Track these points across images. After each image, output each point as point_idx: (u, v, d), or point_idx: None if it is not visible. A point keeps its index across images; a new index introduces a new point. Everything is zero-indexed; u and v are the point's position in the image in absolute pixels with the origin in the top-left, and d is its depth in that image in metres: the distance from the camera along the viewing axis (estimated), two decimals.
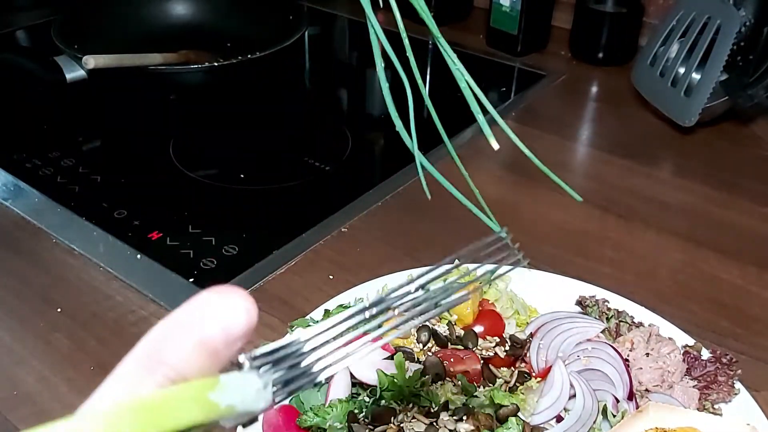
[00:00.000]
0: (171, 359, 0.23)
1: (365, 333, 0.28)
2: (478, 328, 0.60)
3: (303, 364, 0.26)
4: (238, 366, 0.25)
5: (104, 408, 0.21)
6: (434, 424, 0.52)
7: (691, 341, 0.60)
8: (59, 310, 0.66)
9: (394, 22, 0.44)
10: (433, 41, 0.52)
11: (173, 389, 0.22)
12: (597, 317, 0.61)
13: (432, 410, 0.53)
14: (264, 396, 0.25)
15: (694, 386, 0.56)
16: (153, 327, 0.24)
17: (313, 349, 0.27)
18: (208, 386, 0.22)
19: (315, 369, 0.26)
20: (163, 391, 0.22)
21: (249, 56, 0.97)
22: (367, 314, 0.28)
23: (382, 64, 0.40)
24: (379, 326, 0.28)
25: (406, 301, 0.30)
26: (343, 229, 0.77)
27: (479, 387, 0.55)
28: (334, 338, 0.27)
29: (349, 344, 0.27)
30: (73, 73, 0.97)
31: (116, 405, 0.21)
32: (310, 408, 0.53)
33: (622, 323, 0.61)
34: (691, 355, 0.58)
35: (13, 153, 0.90)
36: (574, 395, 0.54)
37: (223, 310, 0.24)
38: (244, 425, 0.26)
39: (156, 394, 0.21)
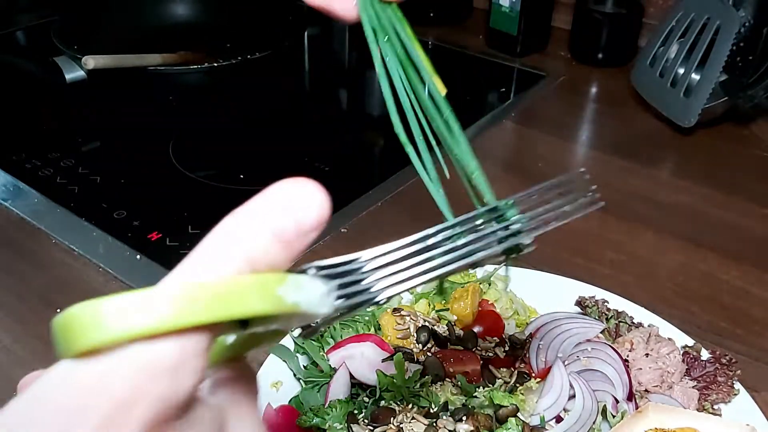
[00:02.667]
0: (244, 247, 0.23)
1: (428, 260, 0.28)
2: (478, 329, 0.60)
3: (364, 282, 0.26)
4: (304, 271, 0.25)
5: (177, 286, 0.21)
6: (434, 424, 0.52)
7: (690, 342, 0.60)
8: (58, 310, 0.66)
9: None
10: (432, 41, 0.51)
11: (244, 277, 0.22)
12: (596, 318, 0.61)
13: (431, 411, 0.53)
14: (327, 302, 0.25)
15: (693, 387, 0.56)
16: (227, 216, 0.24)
17: (376, 269, 0.27)
18: (276, 280, 0.23)
19: (375, 288, 0.27)
20: (235, 278, 0.22)
21: (248, 56, 0.97)
22: (431, 241, 0.28)
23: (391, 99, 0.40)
24: (445, 254, 0.28)
25: (471, 233, 0.30)
26: (342, 230, 0.77)
27: (479, 387, 0.55)
28: (397, 261, 0.27)
29: (411, 268, 0.27)
30: (73, 74, 0.97)
31: (189, 285, 0.21)
32: (310, 408, 0.53)
33: (621, 324, 0.61)
34: (691, 356, 0.58)
35: (13, 154, 0.90)
36: (574, 396, 0.54)
37: (297, 200, 0.24)
38: (304, 335, 0.27)
39: (228, 280, 0.22)
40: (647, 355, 0.57)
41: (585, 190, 0.36)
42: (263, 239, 0.23)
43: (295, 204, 0.24)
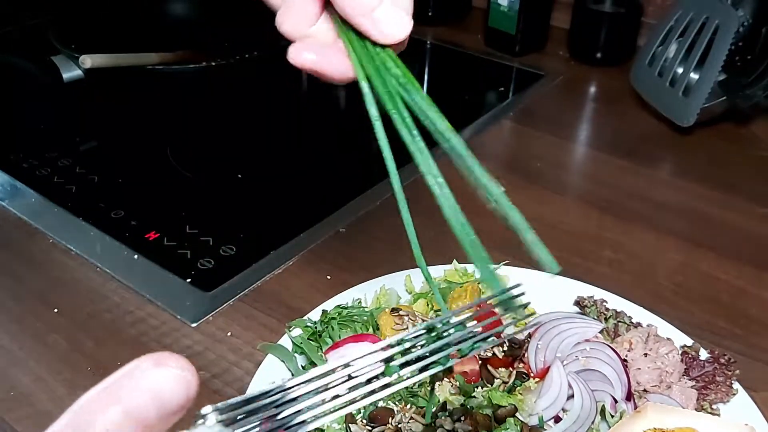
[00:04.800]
0: (101, 430, 0.21)
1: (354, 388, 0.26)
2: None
3: (279, 416, 0.24)
4: (202, 418, 0.23)
5: None
6: (432, 424, 0.52)
7: (689, 341, 0.60)
8: (56, 310, 0.66)
9: None
10: (431, 40, 0.50)
11: None
12: (595, 317, 0.61)
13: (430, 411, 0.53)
14: None
15: (692, 386, 0.56)
16: (86, 393, 0.22)
17: (291, 400, 0.24)
18: None
19: (292, 422, 0.24)
20: None
21: (246, 56, 0.97)
22: (354, 367, 0.26)
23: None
24: (371, 381, 0.26)
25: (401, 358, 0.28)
26: (341, 230, 0.77)
27: (477, 387, 0.55)
28: (315, 391, 0.25)
29: (332, 400, 0.25)
30: (70, 73, 0.97)
31: None
32: None
33: (620, 323, 0.61)
34: (690, 356, 0.58)
35: (10, 153, 0.89)
36: (573, 396, 0.54)
37: (156, 379, 0.22)
38: None
39: None
40: (646, 354, 0.57)
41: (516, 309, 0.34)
42: (119, 420, 0.21)
43: (155, 382, 0.22)
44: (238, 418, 0.23)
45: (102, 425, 0.21)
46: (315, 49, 0.39)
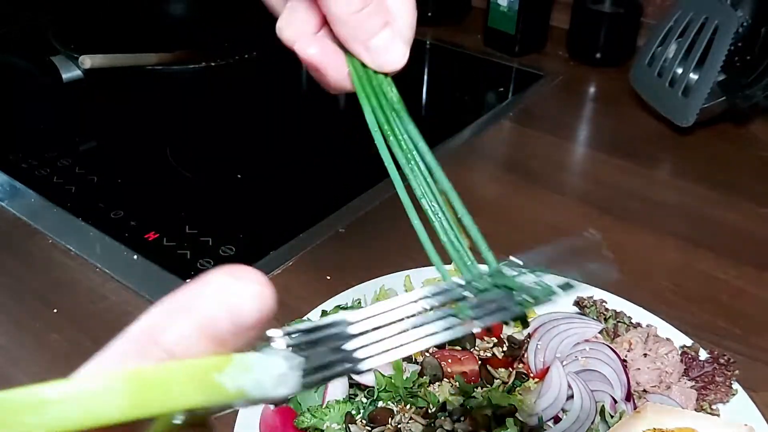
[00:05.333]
0: (168, 342, 0.20)
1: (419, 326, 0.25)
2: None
3: (344, 348, 0.23)
4: (268, 340, 0.22)
5: (95, 377, 0.18)
6: (432, 424, 0.52)
7: (688, 342, 0.60)
8: (55, 311, 0.66)
9: None
10: (430, 41, 0.50)
11: (174, 365, 0.19)
12: (595, 318, 0.61)
13: (429, 411, 0.53)
14: (288, 381, 0.22)
15: (691, 387, 0.56)
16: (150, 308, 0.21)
17: (358, 334, 0.24)
18: (215, 366, 0.20)
19: (357, 356, 0.24)
20: (162, 366, 0.19)
21: (246, 56, 0.97)
22: (425, 304, 0.25)
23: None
24: (440, 320, 0.25)
25: (469, 299, 0.27)
26: (340, 230, 0.77)
27: (477, 388, 0.55)
28: (383, 326, 0.24)
29: (400, 336, 0.24)
30: (70, 73, 0.97)
31: (108, 375, 0.18)
32: (308, 409, 0.53)
33: (620, 324, 0.61)
34: (689, 356, 0.58)
35: (9, 153, 0.89)
36: (572, 396, 0.54)
37: (232, 293, 0.21)
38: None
39: (153, 369, 0.19)
40: (645, 355, 0.57)
41: (597, 254, 0.31)
42: (190, 333, 0.20)
43: (230, 296, 0.21)
44: (306, 343, 0.23)
45: (171, 338, 0.20)
46: (324, 47, 0.39)
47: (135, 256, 0.72)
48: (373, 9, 0.37)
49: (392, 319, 0.25)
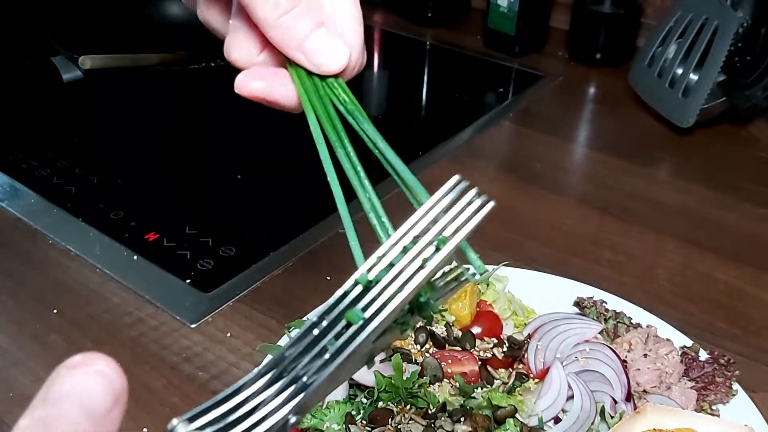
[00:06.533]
0: None
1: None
2: (476, 329, 0.60)
3: (260, 408, 0.24)
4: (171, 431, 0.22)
5: None
6: (432, 425, 0.52)
7: (688, 342, 0.60)
8: (55, 311, 0.66)
9: (391, 23, 0.42)
10: (430, 41, 0.51)
11: None
12: (595, 318, 0.61)
13: (429, 411, 0.53)
14: None
15: (691, 387, 0.56)
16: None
17: (264, 389, 0.24)
18: None
19: (275, 408, 0.24)
20: None
21: None
22: (316, 331, 0.26)
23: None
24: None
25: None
26: (340, 231, 0.77)
27: (477, 388, 0.55)
28: (283, 373, 0.24)
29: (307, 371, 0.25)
30: (70, 74, 0.97)
31: None
32: None
33: (620, 324, 0.61)
34: (689, 356, 0.58)
35: (9, 154, 0.89)
36: (572, 396, 0.54)
37: (78, 385, 0.21)
38: None
39: None
40: (645, 355, 0.57)
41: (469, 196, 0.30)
42: None
43: (76, 391, 0.21)
44: (209, 422, 0.23)
45: None
46: (264, 76, 0.38)
47: (135, 257, 0.72)
48: (301, 10, 0.36)
49: (291, 359, 0.25)
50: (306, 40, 0.36)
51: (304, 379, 0.25)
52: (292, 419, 0.24)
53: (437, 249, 0.28)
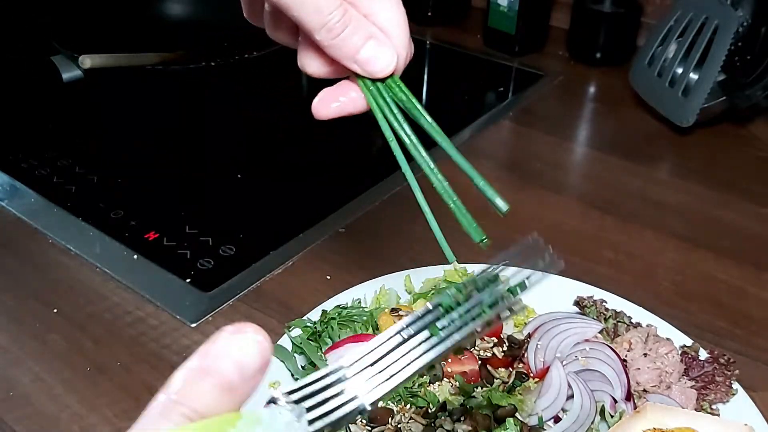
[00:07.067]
0: (191, 402, 0.24)
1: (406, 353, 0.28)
2: None
3: (346, 392, 0.26)
4: (273, 401, 0.25)
5: None
6: (432, 424, 0.52)
7: (688, 341, 0.60)
8: (55, 310, 0.66)
9: None
10: (430, 40, 0.54)
11: (192, 426, 0.22)
12: (595, 318, 0.61)
13: (429, 411, 0.53)
14: (298, 428, 0.25)
15: (691, 387, 0.56)
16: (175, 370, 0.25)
17: (356, 374, 0.27)
18: (227, 422, 0.23)
19: (359, 394, 0.26)
20: (183, 428, 0.22)
21: (246, 56, 0.97)
22: (405, 334, 0.29)
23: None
24: (421, 344, 0.28)
25: (446, 318, 0.30)
26: (340, 230, 0.77)
27: (477, 387, 0.55)
28: (374, 362, 0.27)
29: (395, 364, 0.27)
30: (70, 73, 0.97)
31: None
32: None
33: (620, 324, 0.61)
34: (689, 356, 0.58)
35: (10, 153, 0.89)
36: (572, 396, 0.54)
37: (237, 347, 0.25)
38: None
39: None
40: (645, 355, 0.57)
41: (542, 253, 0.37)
42: (207, 393, 0.24)
43: (236, 351, 0.25)
44: (307, 395, 0.26)
45: (193, 399, 0.24)
46: (334, 96, 0.45)
47: (135, 256, 0.72)
48: (352, 29, 0.41)
49: (381, 354, 0.28)
50: (357, 53, 0.42)
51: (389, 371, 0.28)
52: (368, 407, 0.27)
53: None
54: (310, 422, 0.25)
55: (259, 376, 0.25)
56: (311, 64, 0.45)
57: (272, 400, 0.25)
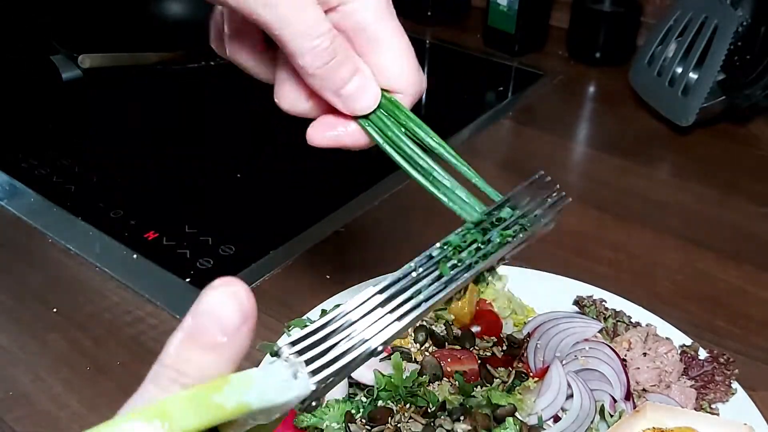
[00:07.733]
0: (176, 363, 0.24)
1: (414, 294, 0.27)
2: (476, 328, 0.60)
3: (351, 336, 0.25)
4: (276, 354, 0.25)
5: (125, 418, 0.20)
6: (431, 424, 0.52)
7: (688, 341, 0.60)
8: (55, 310, 0.66)
9: None
10: (430, 40, 0.53)
11: (177, 395, 0.22)
12: (594, 317, 0.61)
13: (429, 410, 0.53)
14: (294, 385, 0.24)
15: (691, 386, 0.56)
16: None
17: (359, 319, 0.26)
18: (213, 388, 0.22)
19: (365, 337, 0.25)
20: (167, 398, 0.21)
21: None
22: (414, 275, 0.28)
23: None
24: (430, 285, 0.28)
25: (455, 258, 0.29)
26: (340, 230, 0.77)
27: (476, 387, 0.55)
28: (380, 305, 0.26)
29: (401, 307, 0.27)
30: (70, 73, 0.97)
31: (130, 415, 0.21)
32: None
33: (619, 323, 0.61)
34: (689, 355, 0.58)
35: (9, 153, 0.89)
36: (572, 395, 0.54)
37: (215, 301, 0.24)
38: (302, 409, 0.25)
39: (161, 403, 0.21)
40: (645, 354, 0.57)
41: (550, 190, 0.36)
42: (192, 353, 0.24)
43: (213, 308, 0.24)
44: (310, 345, 0.25)
45: (186, 366, 0.24)
46: (333, 124, 0.42)
47: (135, 256, 0.72)
48: (340, 60, 0.38)
49: (387, 296, 0.27)
50: (343, 87, 0.39)
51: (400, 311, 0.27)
52: (380, 348, 0.26)
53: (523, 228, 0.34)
54: (314, 372, 0.24)
55: (244, 329, 0.24)
56: (287, 98, 0.42)
57: (275, 353, 0.25)
